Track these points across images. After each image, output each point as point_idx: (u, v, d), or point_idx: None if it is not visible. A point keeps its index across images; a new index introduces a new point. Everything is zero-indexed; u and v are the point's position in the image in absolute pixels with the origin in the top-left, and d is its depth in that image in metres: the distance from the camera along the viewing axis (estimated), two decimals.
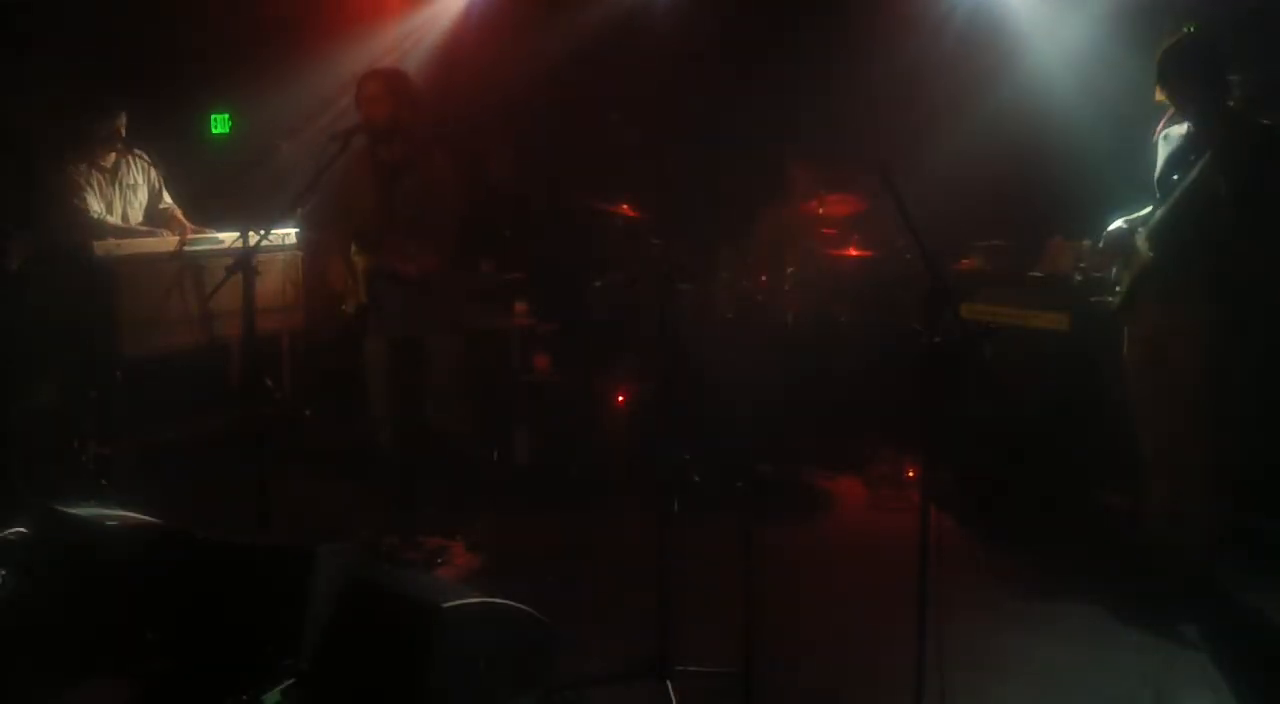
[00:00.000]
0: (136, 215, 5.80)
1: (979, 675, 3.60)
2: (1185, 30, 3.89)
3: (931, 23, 6.44)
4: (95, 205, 5.60)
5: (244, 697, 3.18)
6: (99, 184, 5.68)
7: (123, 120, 5.68)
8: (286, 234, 5.96)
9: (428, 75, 6.53)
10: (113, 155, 5.69)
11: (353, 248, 4.74)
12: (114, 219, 5.65)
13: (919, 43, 6.44)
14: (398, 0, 7.09)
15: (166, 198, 5.90)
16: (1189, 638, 3.84)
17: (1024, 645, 3.83)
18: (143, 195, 5.86)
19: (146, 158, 5.82)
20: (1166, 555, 4.11)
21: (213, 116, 7.13)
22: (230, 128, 7.18)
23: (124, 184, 5.78)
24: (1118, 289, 4.15)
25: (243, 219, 4.98)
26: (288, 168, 6.05)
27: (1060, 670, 3.65)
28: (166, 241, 5.55)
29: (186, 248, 5.62)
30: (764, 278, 6.12)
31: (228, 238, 5.68)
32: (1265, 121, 3.77)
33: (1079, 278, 4.79)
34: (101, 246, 5.28)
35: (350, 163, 4.75)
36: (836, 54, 6.47)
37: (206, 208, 6.03)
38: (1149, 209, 4.08)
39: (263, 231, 4.55)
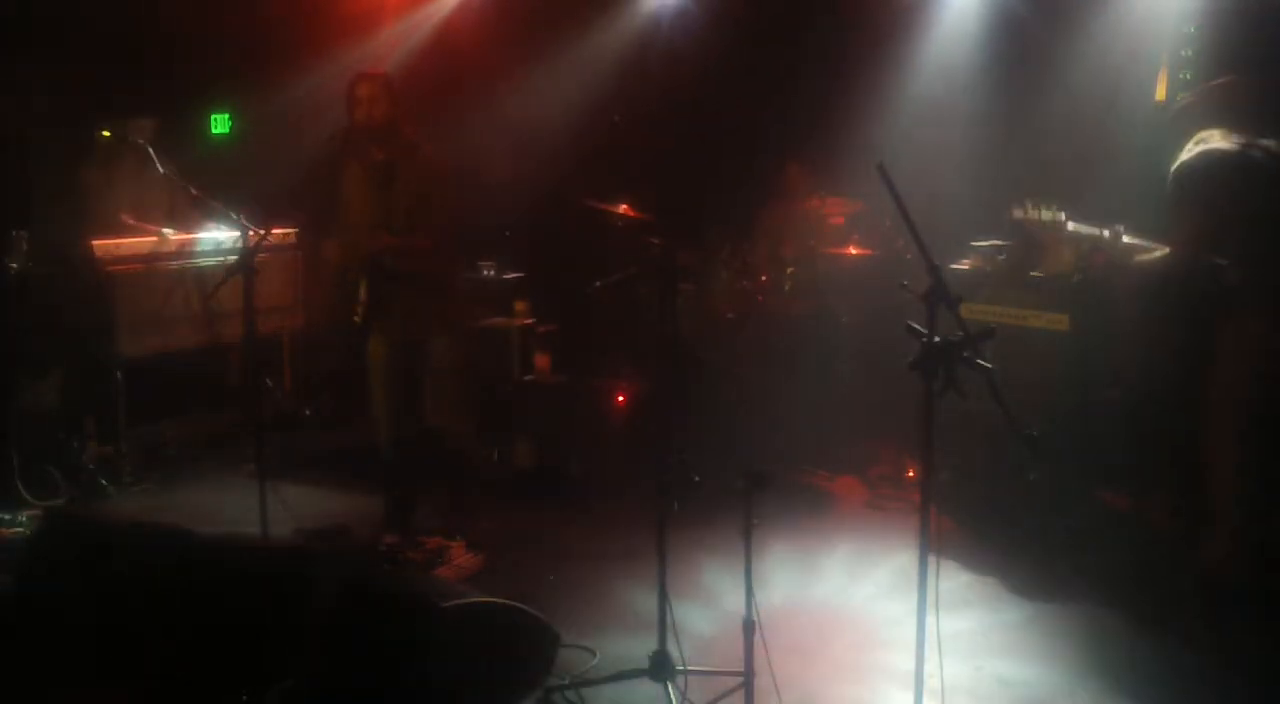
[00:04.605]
0: (156, 219, 5.79)
1: (979, 676, 3.60)
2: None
3: (932, 25, 6.46)
4: (106, 208, 5.61)
5: (244, 697, 3.18)
6: (118, 186, 5.68)
7: (149, 125, 5.70)
8: (287, 234, 5.97)
9: (428, 74, 6.53)
10: (134, 158, 5.69)
11: (346, 261, 4.74)
12: (130, 220, 5.64)
13: (919, 45, 6.46)
14: (397, 0, 7.09)
15: (187, 204, 5.90)
16: (1193, 638, 3.83)
17: (1024, 646, 3.83)
18: (162, 199, 5.85)
19: (169, 163, 5.82)
20: (1198, 566, 4.09)
21: (213, 116, 7.13)
22: (230, 128, 7.18)
23: (144, 187, 5.78)
24: None
25: (244, 218, 4.98)
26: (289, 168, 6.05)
27: (1060, 671, 3.65)
28: (167, 241, 5.55)
29: (187, 248, 5.63)
30: (764, 278, 6.12)
31: (228, 238, 5.69)
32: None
33: (1078, 278, 4.79)
34: (101, 247, 5.28)
35: (346, 164, 4.76)
36: (838, 54, 6.48)
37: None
38: None
39: (263, 232, 4.56)
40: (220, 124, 7.18)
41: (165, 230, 5.63)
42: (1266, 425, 3.85)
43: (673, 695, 3.36)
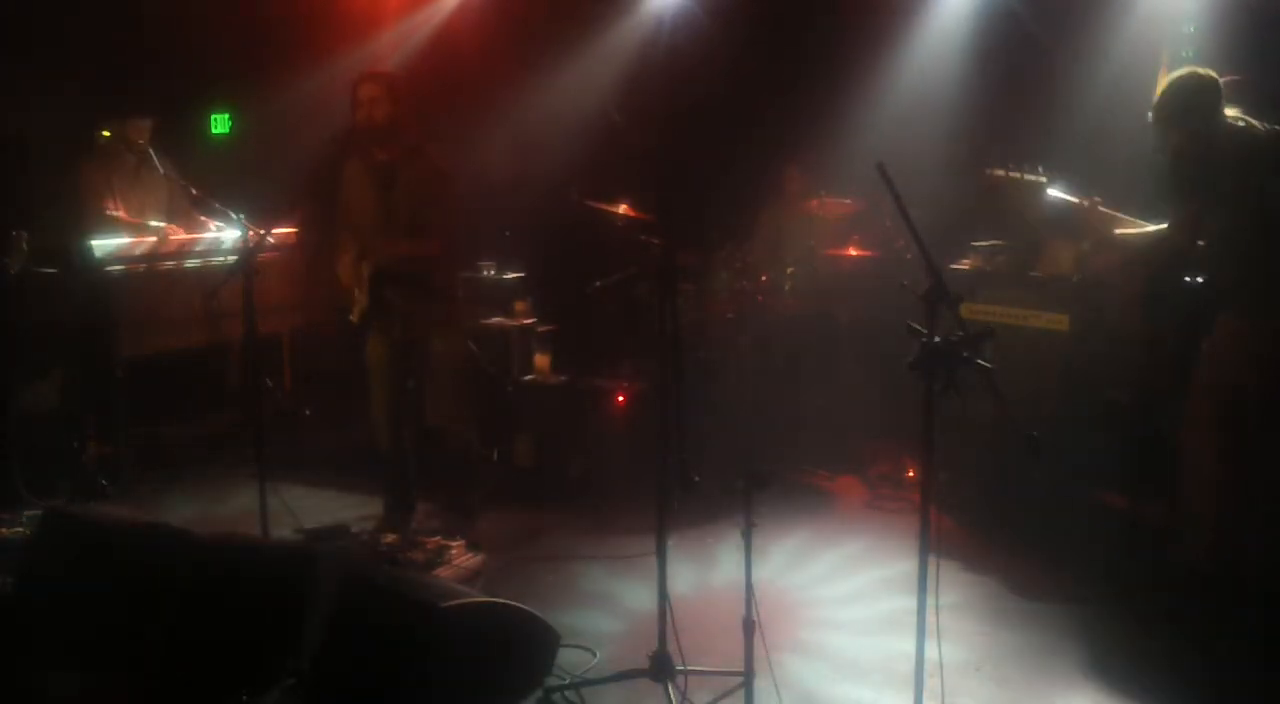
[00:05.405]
0: (156, 219, 5.79)
1: (979, 675, 3.60)
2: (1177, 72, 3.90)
3: (932, 26, 6.47)
4: (109, 207, 5.61)
5: (244, 697, 3.18)
6: (118, 186, 5.68)
7: (147, 125, 5.70)
8: (287, 234, 5.97)
9: (428, 73, 6.53)
10: (134, 158, 5.70)
11: (354, 251, 4.73)
12: (130, 220, 5.64)
13: (920, 45, 6.47)
14: (397, 1, 7.09)
15: (187, 203, 5.90)
16: (1192, 638, 3.83)
17: (1024, 646, 3.83)
18: (162, 199, 5.85)
19: (169, 163, 5.82)
20: (1180, 553, 4.10)
21: (213, 116, 7.13)
22: (230, 128, 7.18)
23: (144, 187, 5.78)
24: None
25: (244, 218, 4.98)
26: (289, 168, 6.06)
27: (1060, 671, 3.65)
28: (167, 242, 5.55)
29: (187, 248, 5.63)
30: (764, 278, 6.13)
31: (228, 237, 5.69)
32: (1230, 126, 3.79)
33: (1078, 278, 4.80)
34: (101, 247, 5.28)
35: (348, 164, 4.75)
36: (839, 55, 6.49)
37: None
38: None
39: (263, 232, 4.56)
40: (220, 124, 7.18)
41: (158, 224, 5.62)
42: (1246, 423, 3.87)
43: (673, 695, 3.36)
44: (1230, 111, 3.85)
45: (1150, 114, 3.92)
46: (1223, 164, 3.76)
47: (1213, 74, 3.88)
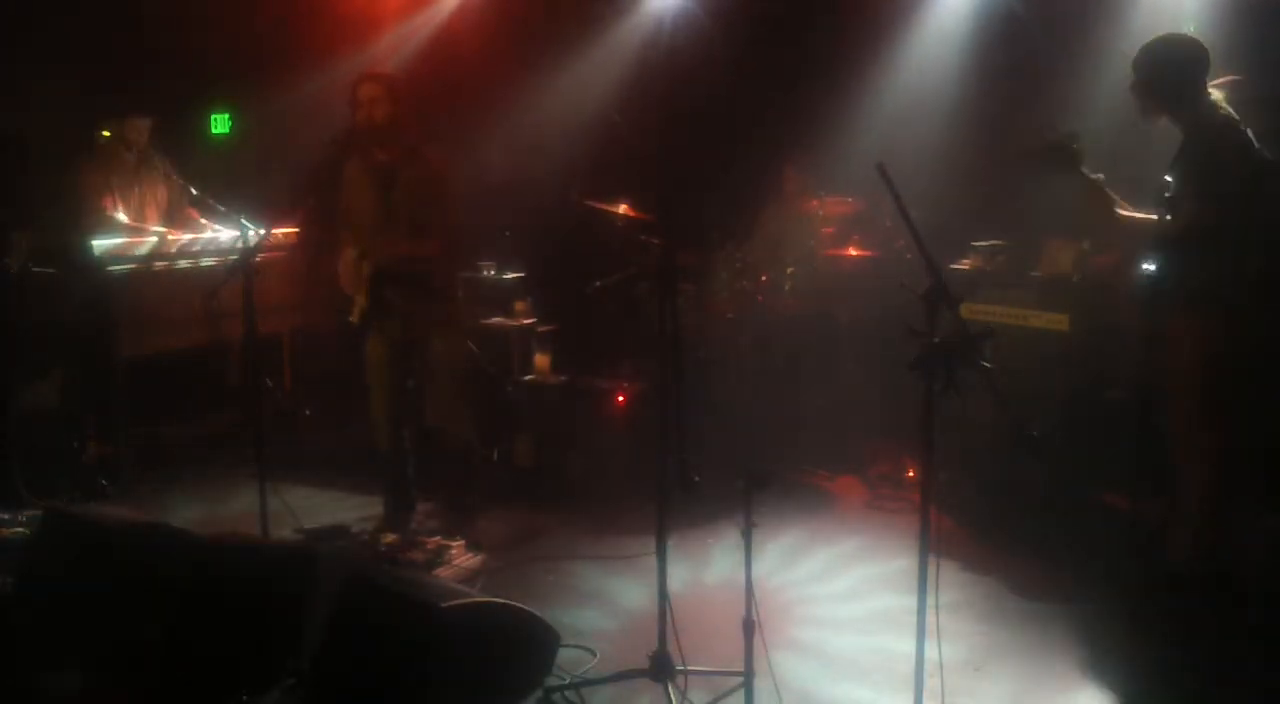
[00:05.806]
0: (155, 219, 5.79)
1: (979, 675, 3.60)
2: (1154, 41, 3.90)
3: (931, 26, 6.47)
4: (109, 206, 5.61)
5: (244, 697, 3.19)
6: (117, 186, 5.68)
7: (146, 125, 5.71)
8: (288, 234, 5.97)
9: (428, 74, 6.53)
10: (134, 158, 5.71)
11: (354, 251, 4.74)
12: (129, 219, 5.65)
13: (919, 46, 6.47)
14: (398, 1, 7.10)
15: (187, 203, 5.90)
16: (1192, 638, 3.83)
17: (1024, 646, 3.83)
18: (162, 199, 5.86)
19: (169, 163, 5.82)
20: (1176, 553, 4.10)
21: (213, 116, 7.14)
22: (230, 128, 7.19)
23: (144, 186, 5.79)
24: None
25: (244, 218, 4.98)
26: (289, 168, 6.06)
27: (1059, 671, 3.65)
28: (167, 241, 5.55)
29: (187, 248, 5.63)
30: (764, 278, 6.13)
31: (228, 238, 5.69)
32: (1235, 122, 3.78)
33: (1078, 278, 4.80)
34: (101, 247, 5.28)
35: (348, 165, 4.75)
36: (838, 55, 6.49)
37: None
38: None
39: (263, 231, 4.56)
40: (220, 124, 7.18)
41: (159, 229, 5.63)
42: (1228, 416, 3.88)
43: (673, 695, 3.36)
44: (1221, 101, 3.85)
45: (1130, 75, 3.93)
46: (1215, 155, 3.76)
47: (1197, 41, 3.86)
